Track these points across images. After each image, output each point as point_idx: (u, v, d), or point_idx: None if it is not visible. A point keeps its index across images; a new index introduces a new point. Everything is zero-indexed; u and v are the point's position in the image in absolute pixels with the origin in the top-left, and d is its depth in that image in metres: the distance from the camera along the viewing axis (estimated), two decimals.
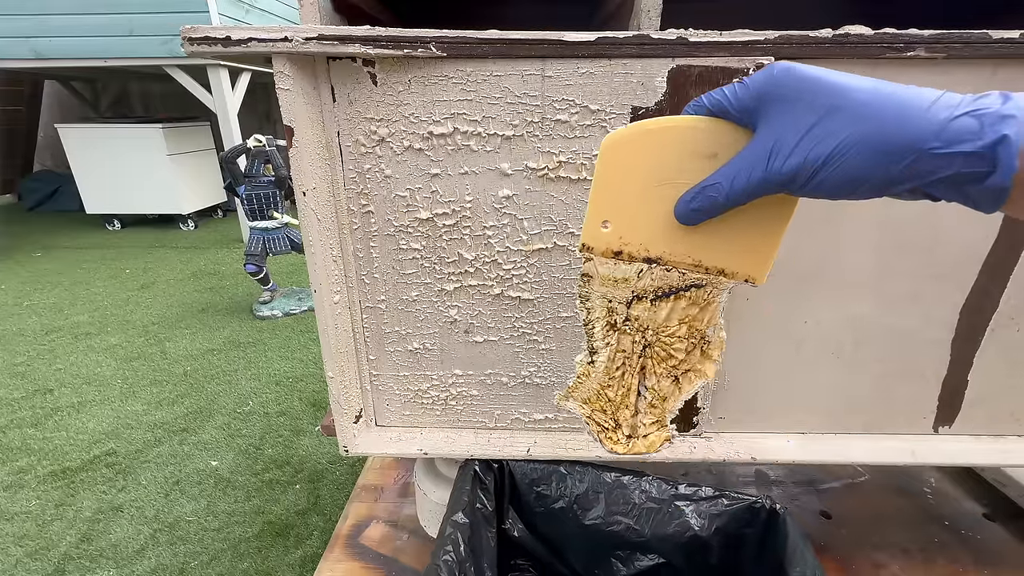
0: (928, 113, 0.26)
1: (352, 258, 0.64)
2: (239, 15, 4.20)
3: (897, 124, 0.27)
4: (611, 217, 0.39)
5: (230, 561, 1.45)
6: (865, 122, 0.28)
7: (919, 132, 0.26)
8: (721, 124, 0.34)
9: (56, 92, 6.40)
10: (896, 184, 0.28)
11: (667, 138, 0.35)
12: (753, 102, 0.32)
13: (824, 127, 0.29)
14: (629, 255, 0.39)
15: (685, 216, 0.36)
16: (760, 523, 0.66)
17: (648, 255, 0.39)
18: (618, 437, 0.50)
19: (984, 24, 0.54)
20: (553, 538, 0.73)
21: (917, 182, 0.28)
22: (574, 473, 0.71)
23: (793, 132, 0.30)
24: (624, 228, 0.39)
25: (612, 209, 0.38)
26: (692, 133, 0.35)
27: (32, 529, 1.56)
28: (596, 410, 0.51)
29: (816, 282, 0.64)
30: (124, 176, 4.82)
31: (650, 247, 0.39)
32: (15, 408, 2.17)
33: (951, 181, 0.27)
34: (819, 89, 0.29)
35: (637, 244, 0.39)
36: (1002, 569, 0.79)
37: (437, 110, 0.56)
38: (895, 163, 0.27)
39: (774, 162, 0.31)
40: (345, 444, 0.71)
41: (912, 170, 0.27)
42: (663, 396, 0.48)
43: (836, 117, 0.28)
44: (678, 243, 0.38)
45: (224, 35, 0.50)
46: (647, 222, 0.38)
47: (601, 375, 0.50)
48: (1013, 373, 0.68)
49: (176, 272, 3.85)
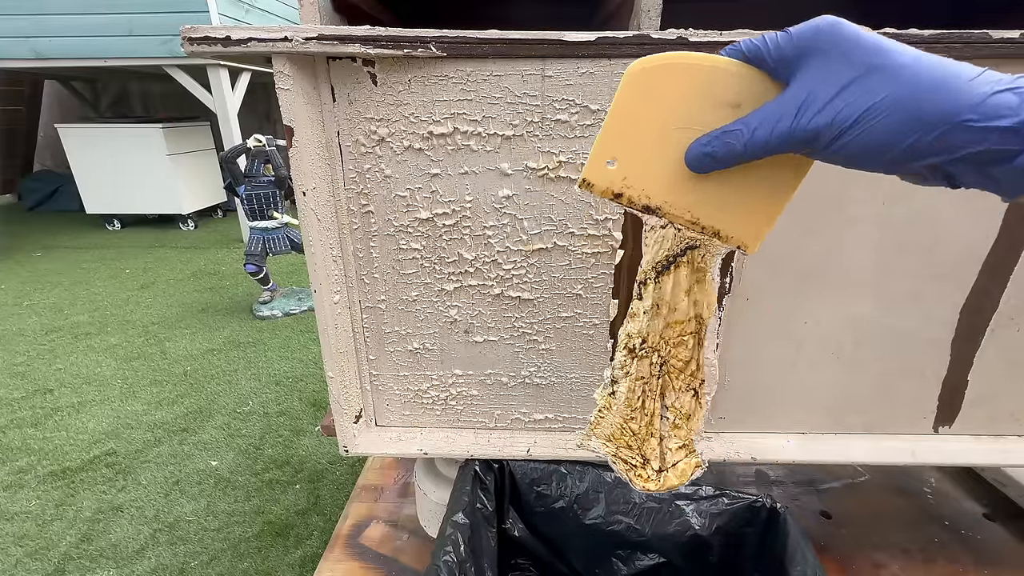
0: (968, 85, 0.26)
1: (352, 258, 0.64)
2: (239, 15, 4.19)
3: (935, 92, 0.26)
4: (619, 155, 0.36)
5: (230, 561, 1.45)
6: (903, 86, 0.27)
7: (957, 103, 0.26)
8: (752, 72, 0.33)
9: (56, 92, 6.40)
10: (920, 157, 0.28)
11: (696, 77, 0.34)
12: (793, 52, 0.30)
13: (861, 85, 0.28)
14: (628, 199, 0.37)
15: (696, 160, 0.34)
16: (760, 522, 0.66)
17: (648, 202, 0.37)
18: (648, 474, 0.48)
19: (985, 24, 0.54)
20: (553, 538, 0.73)
21: (943, 157, 0.27)
22: (574, 473, 0.71)
23: (828, 87, 0.29)
24: (630, 169, 0.37)
25: (622, 146, 0.36)
26: (722, 76, 0.33)
27: (32, 529, 1.56)
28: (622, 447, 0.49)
29: (816, 282, 0.64)
30: (124, 176, 4.82)
31: (652, 194, 0.37)
32: (15, 408, 2.17)
33: (978, 159, 0.26)
34: (861, 47, 0.28)
35: (639, 189, 0.37)
36: (1002, 569, 0.79)
37: (437, 110, 0.56)
38: (926, 132, 0.27)
39: (802, 116, 0.29)
40: (345, 444, 0.71)
41: (942, 142, 0.27)
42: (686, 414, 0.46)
43: (874, 77, 0.28)
44: (680, 194, 0.36)
45: (224, 35, 0.50)
46: (655, 166, 0.36)
47: (623, 406, 0.48)
48: (1013, 373, 0.68)
49: (176, 272, 3.85)
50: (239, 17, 4.19)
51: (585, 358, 0.68)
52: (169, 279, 3.70)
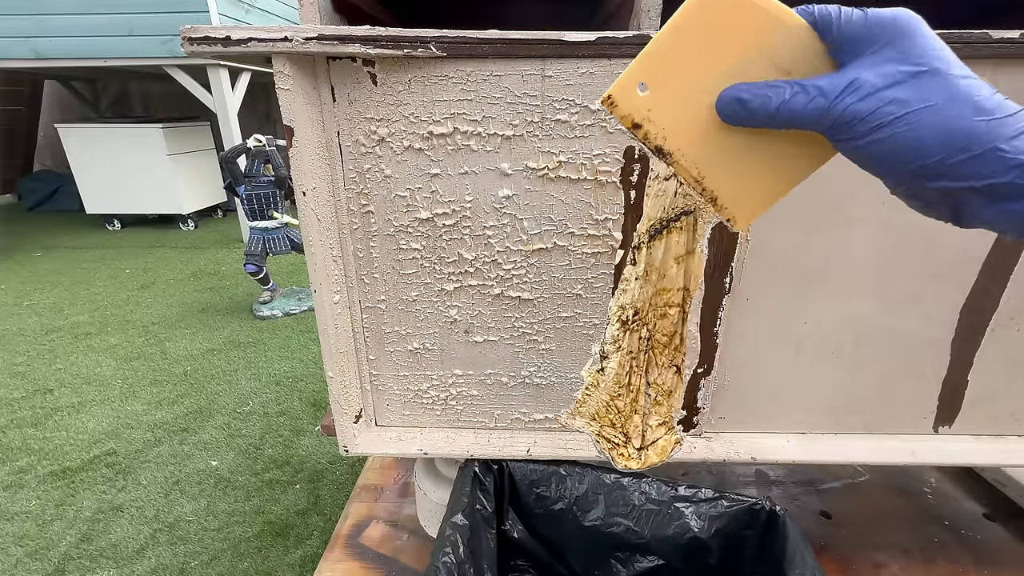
0: (1009, 118, 0.27)
1: (352, 258, 0.64)
2: (239, 15, 4.19)
3: (980, 114, 0.27)
4: (654, 82, 0.35)
5: (230, 561, 1.45)
6: (954, 98, 0.27)
7: (996, 131, 0.27)
8: (814, 42, 0.32)
9: (56, 92, 6.40)
10: (940, 177, 0.28)
11: (762, 25, 0.32)
12: (863, 31, 0.30)
13: (915, 84, 0.28)
14: (645, 134, 0.36)
15: (728, 105, 0.33)
16: (760, 525, 0.66)
17: (663, 144, 0.36)
18: (630, 452, 0.49)
19: (984, 24, 0.54)
20: (553, 539, 0.73)
21: (966, 182, 0.28)
22: (574, 474, 0.71)
23: (881, 77, 0.29)
24: (659, 101, 0.35)
25: (661, 73, 0.34)
26: (785, 35, 0.32)
27: (32, 529, 1.56)
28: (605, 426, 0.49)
29: (817, 282, 0.64)
30: (124, 176, 4.82)
31: (670, 136, 0.35)
32: (15, 408, 2.17)
33: (999, 191, 0.27)
34: (929, 48, 0.29)
35: (660, 126, 0.35)
36: (1002, 569, 0.79)
37: (437, 110, 0.56)
38: (959, 151, 0.27)
39: (845, 97, 0.29)
40: (345, 444, 0.71)
41: (971, 165, 0.27)
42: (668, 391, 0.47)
43: (930, 81, 0.28)
44: (697, 146, 0.35)
45: (224, 35, 0.50)
46: (684, 106, 0.35)
47: (611, 383, 0.48)
48: (1013, 373, 0.68)
49: (176, 272, 3.85)
50: (239, 17, 4.19)
51: (585, 358, 0.68)
52: (169, 279, 3.70)
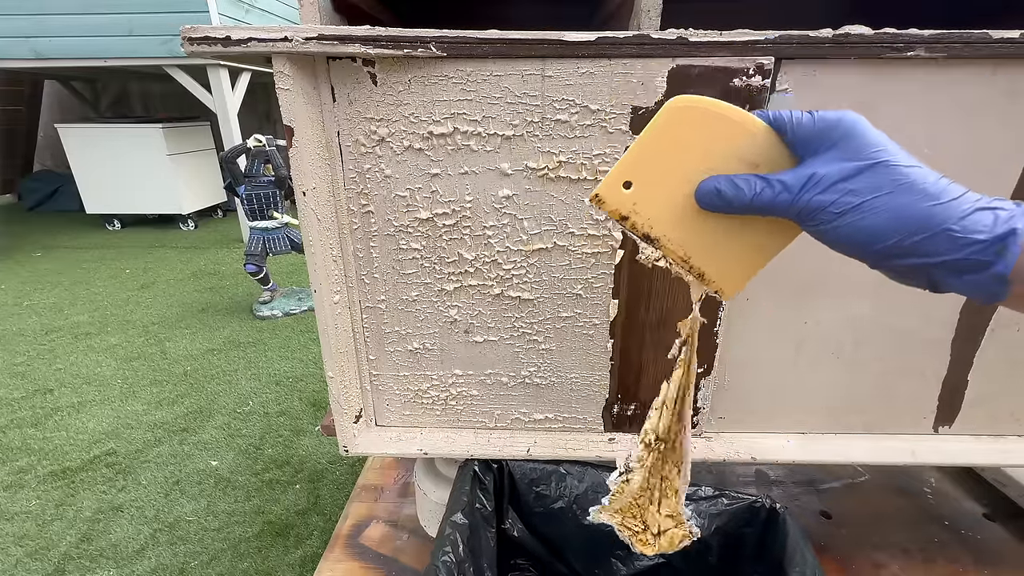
0: (955, 201, 0.30)
1: (352, 258, 0.64)
2: (239, 15, 4.19)
3: (928, 199, 0.30)
4: (637, 180, 0.39)
5: (230, 561, 1.45)
6: (904, 187, 0.30)
7: (945, 213, 0.30)
8: (775, 139, 0.36)
9: (56, 92, 6.40)
10: (905, 255, 0.31)
11: (728, 129, 0.36)
12: (813, 132, 0.33)
13: (868, 176, 0.31)
14: (633, 224, 0.40)
15: (706, 196, 0.37)
16: (760, 523, 0.66)
17: (649, 232, 0.40)
18: (647, 539, 0.56)
19: (984, 24, 0.54)
20: (553, 538, 0.73)
21: (925, 260, 0.31)
22: (573, 473, 0.71)
23: (837, 171, 0.32)
24: (642, 195, 0.39)
25: (642, 172, 0.39)
26: (750, 136, 0.36)
27: (32, 529, 1.56)
28: (627, 517, 0.57)
29: (816, 282, 0.64)
30: (124, 176, 4.82)
31: (655, 225, 0.39)
32: (15, 408, 2.17)
33: (956, 266, 0.30)
34: (875, 143, 0.32)
35: (646, 217, 0.39)
36: (1002, 569, 0.79)
37: (437, 110, 0.56)
38: (914, 233, 0.30)
39: (806, 192, 0.33)
40: (345, 444, 0.71)
41: (927, 245, 0.30)
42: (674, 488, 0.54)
43: (881, 172, 0.31)
44: (680, 232, 0.39)
45: (224, 35, 0.50)
46: (666, 199, 0.39)
47: (635, 490, 0.55)
48: (1013, 373, 0.68)
49: (176, 272, 3.85)
50: (239, 17, 4.19)
51: (585, 358, 0.68)
52: (169, 279, 3.70)
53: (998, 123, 0.56)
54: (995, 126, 0.56)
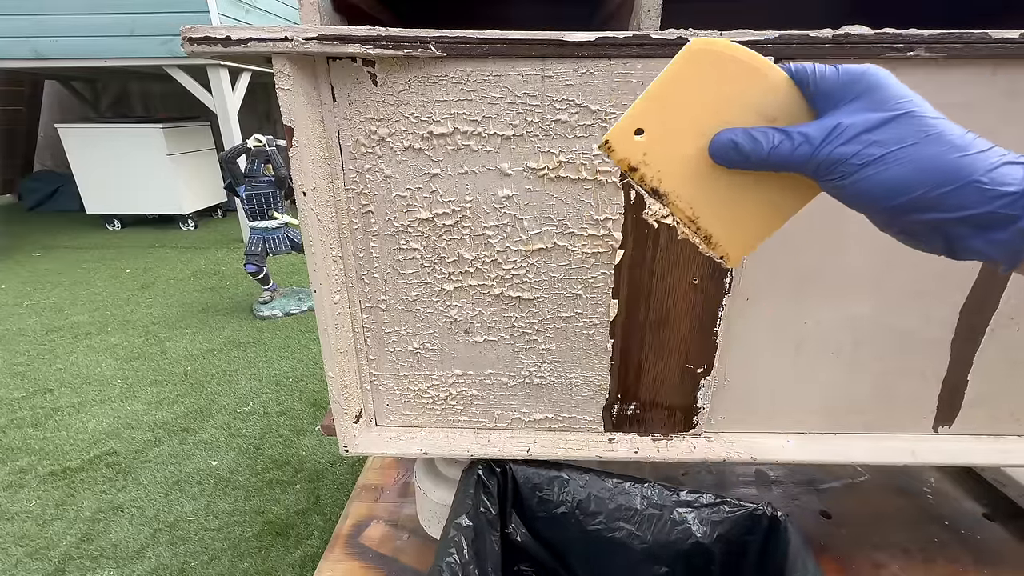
0: (983, 153, 0.29)
1: (352, 258, 0.64)
2: (239, 15, 4.19)
3: (956, 151, 0.29)
4: (650, 128, 0.36)
5: (230, 561, 1.45)
6: (931, 138, 0.29)
7: (972, 165, 0.28)
8: (794, 93, 0.34)
9: (56, 92, 6.39)
10: (926, 211, 0.30)
11: (749, 77, 0.34)
12: (836, 86, 0.32)
13: (893, 126, 0.30)
14: (641, 177, 0.37)
15: (721, 148, 0.35)
16: (762, 530, 0.65)
17: (658, 186, 0.37)
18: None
19: (984, 24, 0.54)
20: (556, 543, 0.73)
21: (951, 214, 0.29)
22: (576, 478, 0.71)
23: (861, 122, 0.31)
24: (654, 145, 0.36)
25: (656, 119, 0.36)
26: (771, 86, 0.34)
27: (32, 529, 1.56)
28: None
29: (816, 282, 0.64)
30: (124, 176, 4.82)
31: (664, 179, 0.37)
32: (15, 408, 2.17)
33: (982, 221, 0.29)
34: (900, 95, 0.31)
35: (655, 169, 0.37)
36: (1002, 569, 0.79)
37: (437, 110, 0.56)
38: (940, 185, 0.29)
39: (827, 144, 0.31)
40: (345, 444, 0.71)
41: (952, 198, 0.29)
42: None
43: (907, 122, 0.30)
44: (690, 189, 0.37)
45: (224, 35, 0.50)
46: (678, 150, 0.36)
47: None
48: (1013, 373, 0.68)
49: (176, 272, 3.85)
50: (239, 17, 4.19)
51: (585, 358, 0.68)
52: (169, 279, 3.70)
53: (998, 123, 0.56)
54: (995, 126, 0.56)
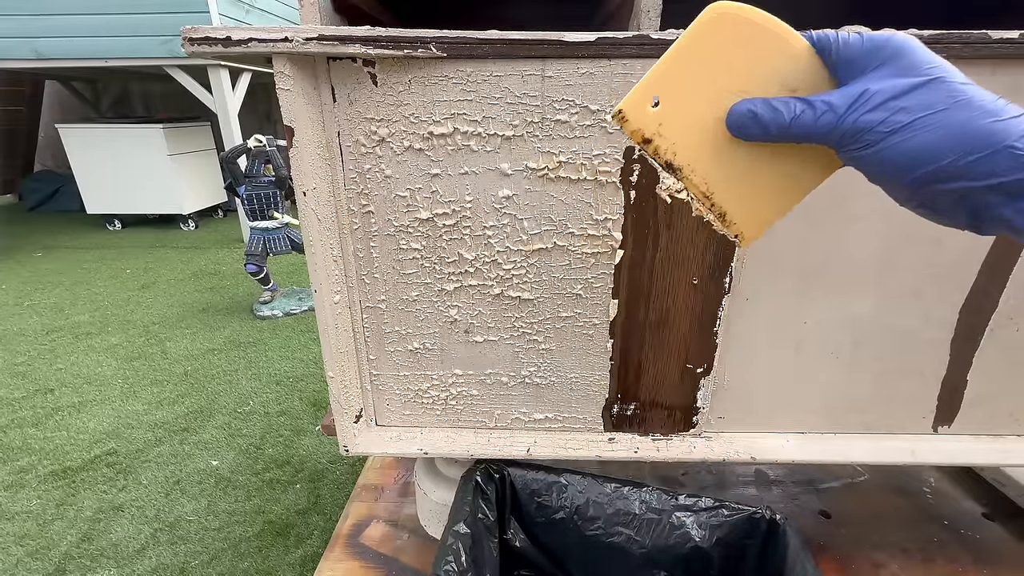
0: (1015, 119, 0.27)
1: (352, 258, 0.64)
2: (239, 15, 4.19)
3: (987, 116, 0.28)
4: (665, 97, 0.35)
5: (230, 561, 1.45)
6: (960, 103, 0.28)
7: (1005, 130, 0.27)
8: (816, 62, 0.33)
9: (57, 92, 6.40)
10: (953, 179, 0.28)
11: (770, 44, 0.33)
12: (860, 53, 0.31)
13: (922, 92, 0.29)
14: (655, 149, 0.36)
15: (740, 119, 0.34)
16: (760, 534, 0.65)
17: (672, 160, 0.36)
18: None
19: (984, 24, 0.54)
20: (554, 548, 0.73)
21: (980, 182, 0.28)
22: (574, 483, 0.71)
23: (888, 88, 0.30)
24: (670, 116, 0.35)
25: (672, 88, 0.35)
26: (792, 54, 0.33)
27: (33, 528, 1.56)
28: None
29: (816, 282, 0.64)
30: (125, 176, 4.82)
31: (679, 151, 0.36)
32: (16, 408, 2.17)
33: (1014, 188, 0.27)
34: (928, 60, 0.30)
35: (670, 141, 0.36)
36: (1001, 568, 0.79)
37: (437, 110, 0.56)
38: (971, 152, 0.28)
39: (853, 112, 0.30)
40: (345, 444, 0.71)
41: (983, 165, 0.28)
42: None
43: (936, 88, 0.29)
44: (706, 162, 0.36)
45: (224, 35, 0.50)
46: (695, 121, 0.35)
47: None
48: (1012, 373, 0.68)
49: (176, 272, 3.85)
50: (239, 17, 4.19)
51: (585, 358, 0.68)
52: (170, 279, 3.70)
53: None
54: None
